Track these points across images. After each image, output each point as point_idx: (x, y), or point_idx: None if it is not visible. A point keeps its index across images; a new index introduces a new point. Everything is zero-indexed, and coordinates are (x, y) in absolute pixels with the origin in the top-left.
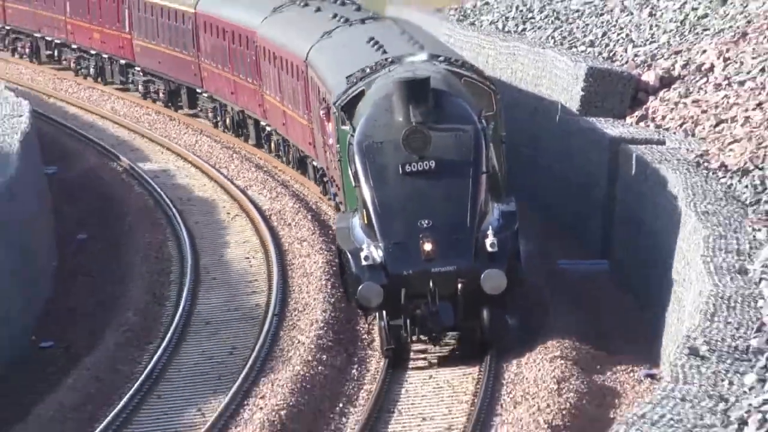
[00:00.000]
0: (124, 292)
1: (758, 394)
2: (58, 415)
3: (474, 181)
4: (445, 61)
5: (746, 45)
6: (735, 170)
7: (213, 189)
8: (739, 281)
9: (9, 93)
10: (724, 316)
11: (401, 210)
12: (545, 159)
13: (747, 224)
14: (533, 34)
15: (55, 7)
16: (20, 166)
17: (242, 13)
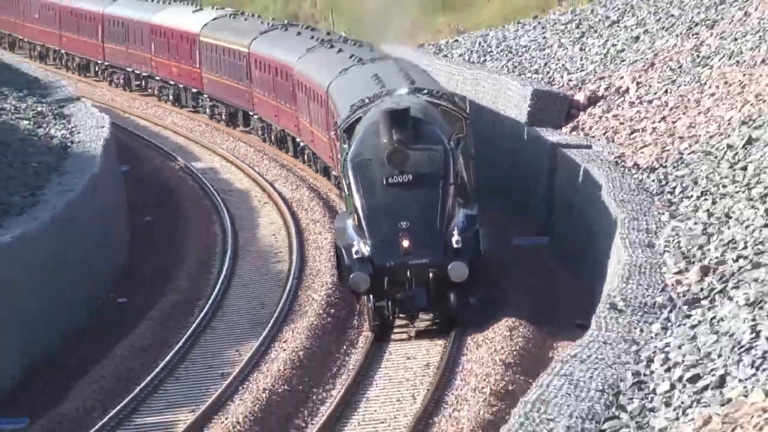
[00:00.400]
0: (180, 261)
1: (662, 338)
2: (130, 354)
3: (443, 190)
4: (426, 93)
5: (653, 72)
6: (644, 168)
7: (248, 182)
8: (648, 253)
9: (94, 110)
10: (636, 279)
11: (385, 214)
12: (501, 158)
13: (653, 209)
14: (491, 64)
15: (143, 47)
16: (102, 165)
17: (283, 53)
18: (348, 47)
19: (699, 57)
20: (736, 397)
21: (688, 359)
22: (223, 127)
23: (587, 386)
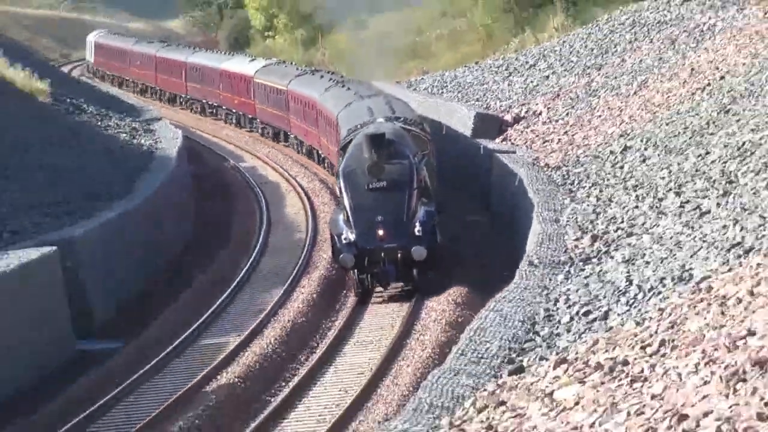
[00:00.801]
0: (229, 233)
1: (564, 285)
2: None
3: (408, 193)
4: (401, 121)
5: (559, 101)
6: (553, 167)
7: (278, 177)
8: (555, 226)
9: (171, 126)
10: (547, 244)
11: (365, 210)
12: (455, 160)
13: (559, 196)
14: (447, 94)
15: (214, 85)
16: (176, 165)
17: (309, 90)
18: (354, 86)
19: (590, 90)
20: (616, 326)
21: (582, 300)
22: (270, 141)
23: (513, 318)
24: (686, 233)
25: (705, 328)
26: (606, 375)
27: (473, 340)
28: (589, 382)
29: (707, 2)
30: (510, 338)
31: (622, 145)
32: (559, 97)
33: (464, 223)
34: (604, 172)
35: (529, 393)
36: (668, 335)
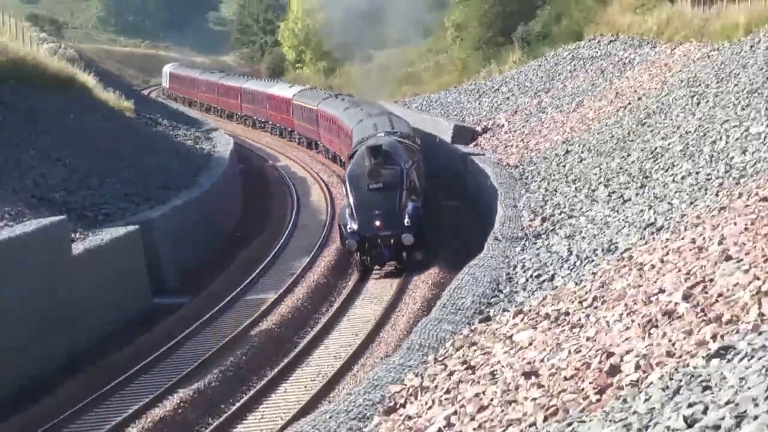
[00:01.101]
0: (268, 215)
1: (521, 255)
2: (245, 261)
3: (400, 192)
4: (397, 135)
5: (516, 116)
6: (512, 166)
7: (306, 174)
8: (513, 210)
9: (226, 135)
10: (508, 224)
11: (366, 206)
12: (439, 161)
13: (517, 188)
14: (433, 111)
15: (262, 105)
16: (228, 164)
17: (333, 110)
18: (365, 106)
19: (540, 107)
20: (560, 286)
21: (534, 266)
22: (303, 148)
23: (482, 280)
24: (612, 216)
25: (627, 287)
26: (552, 322)
27: (452, 296)
28: (539, 328)
29: (628, 42)
30: (480, 295)
31: (564, 149)
32: (516, 113)
33: (445, 208)
34: (550, 169)
35: (494, 336)
36: (599, 293)
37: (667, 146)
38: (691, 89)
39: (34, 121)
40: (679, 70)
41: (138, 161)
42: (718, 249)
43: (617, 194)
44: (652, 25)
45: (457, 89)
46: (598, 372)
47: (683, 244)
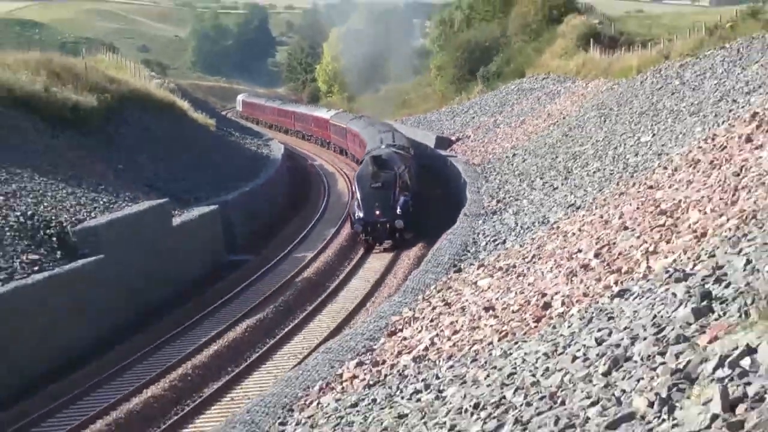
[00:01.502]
0: (306, 202)
1: (482, 226)
2: (292, 228)
3: (394, 190)
4: (395, 147)
5: (479, 130)
6: (477, 164)
7: (334, 169)
8: (477, 195)
9: (279, 143)
10: (473, 205)
11: (369, 199)
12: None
13: (479, 179)
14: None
15: (309, 124)
16: (280, 164)
17: (357, 127)
18: (378, 125)
19: (496, 124)
20: (509, 247)
21: (491, 233)
22: (336, 154)
23: (455, 243)
24: (545, 199)
25: (555, 248)
26: (504, 273)
27: (434, 255)
28: (495, 276)
29: (556, 79)
30: (454, 254)
31: (512, 153)
32: (479, 128)
33: (430, 195)
34: (503, 167)
35: (464, 282)
36: (536, 252)
37: (583, 151)
38: (600, 111)
39: (146, 133)
40: (591, 98)
41: (217, 161)
42: (618, 222)
43: (549, 184)
44: (573, 66)
45: (438, 111)
46: (535, 307)
47: (594, 218)
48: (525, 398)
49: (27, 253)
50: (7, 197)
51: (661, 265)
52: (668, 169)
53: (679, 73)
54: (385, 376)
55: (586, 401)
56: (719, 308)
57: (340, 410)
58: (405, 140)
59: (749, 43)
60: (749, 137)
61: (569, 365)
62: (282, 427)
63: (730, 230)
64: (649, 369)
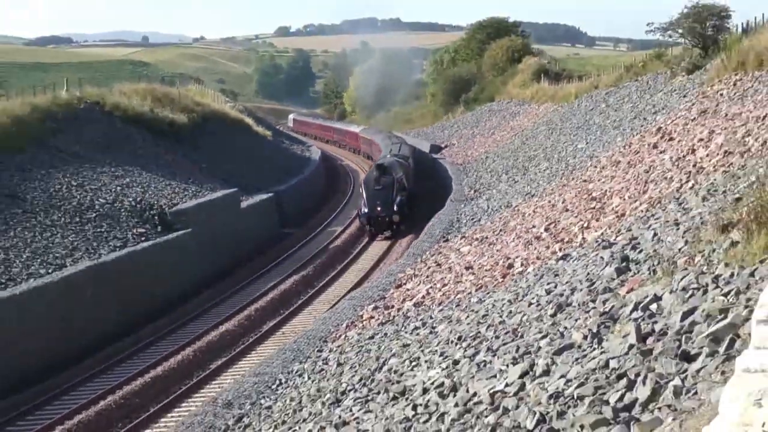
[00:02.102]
0: (338, 187)
1: (463, 209)
2: (327, 209)
3: (392, 191)
4: (398, 156)
5: (461, 139)
6: (459, 164)
7: (357, 168)
8: (459, 186)
9: (317, 148)
10: (457, 193)
11: (372, 198)
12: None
13: (461, 175)
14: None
15: (343, 136)
16: (317, 164)
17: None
18: (392, 137)
19: (473, 135)
20: (482, 223)
21: (470, 214)
22: (365, 158)
23: (444, 221)
24: (509, 189)
25: (516, 224)
26: (479, 242)
27: (429, 230)
28: (473, 244)
29: (517, 102)
30: (443, 229)
31: (485, 155)
32: (461, 138)
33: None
34: (478, 165)
35: (450, 249)
36: (502, 226)
37: (536, 154)
38: (548, 126)
39: (223, 143)
40: (542, 116)
41: (273, 161)
42: (561, 205)
43: (511, 178)
44: (529, 93)
45: (432, 127)
46: (502, 267)
47: (544, 203)
48: (494, 333)
49: (136, 227)
50: (122, 187)
51: (592, 236)
52: (597, 167)
53: (605, 98)
54: (394, 317)
55: (539, 335)
56: (634, 268)
57: (361, 341)
58: (408, 150)
59: (655, 77)
60: (655, 144)
61: (526, 309)
62: (319, 353)
63: (642, 212)
64: (584, 312)
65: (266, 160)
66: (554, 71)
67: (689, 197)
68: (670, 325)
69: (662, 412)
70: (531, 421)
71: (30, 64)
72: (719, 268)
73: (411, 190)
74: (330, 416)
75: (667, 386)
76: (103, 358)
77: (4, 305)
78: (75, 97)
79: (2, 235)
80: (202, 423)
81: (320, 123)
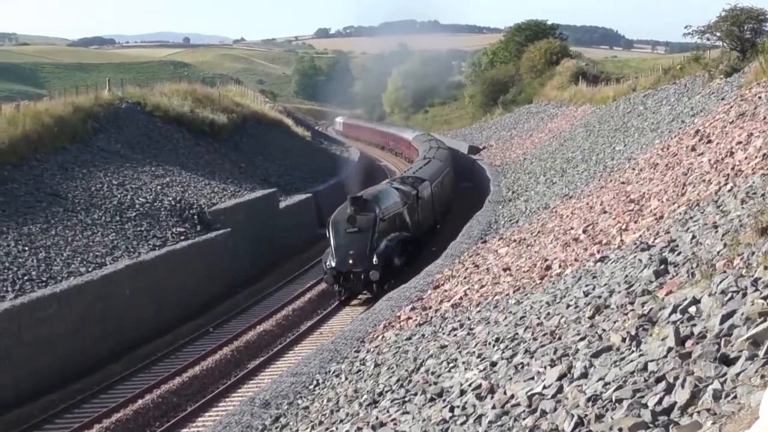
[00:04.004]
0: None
1: (501, 210)
2: None
3: (372, 235)
4: (397, 181)
5: (500, 140)
6: (497, 165)
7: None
8: (498, 187)
9: (356, 149)
10: (495, 195)
11: (342, 247)
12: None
13: (500, 176)
14: (457, 138)
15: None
16: (355, 164)
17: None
18: (432, 140)
19: (511, 137)
20: (521, 225)
21: (508, 215)
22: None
23: (482, 222)
24: (547, 190)
25: (554, 226)
26: (517, 243)
27: (467, 230)
28: (511, 246)
29: (555, 104)
30: (481, 229)
31: (523, 157)
32: (499, 139)
33: (463, 188)
34: (516, 167)
35: (488, 250)
36: (541, 228)
37: (574, 156)
38: (586, 128)
39: (261, 142)
40: (580, 118)
41: (311, 162)
42: (599, 207)
43: (549, 180)
44: (567, 96)
45: (470, 127)
46: (540, 269)
47: (582, 204)
48: (532, 334)
49: (176, 226)
50: (162, 186)
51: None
52: (635, 169)
53: (643, 101)
54: (431, 317)
55: (577, 337)
56: (673, 270)
57: (398, 342)
58: (443, 154)
59: (693, 79)
60: (693, 147)
61: (564, 311)
62: (356, 353)
63: (680, 214)
64: (622, 314)
65: (305, 161)
66: (592, 73)
67: (727, 200)
68: (709, 328)
69: (701, 416)
70: (569, 423)
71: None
72: (758, 271)
73: (419, 228)
74: (367, 417)
75: (706, 390)
76: (140, 356)
77: (44, 303)
78: (116, 97)
79: (44, 233)
80: (239, 423)
81: (375, 128)
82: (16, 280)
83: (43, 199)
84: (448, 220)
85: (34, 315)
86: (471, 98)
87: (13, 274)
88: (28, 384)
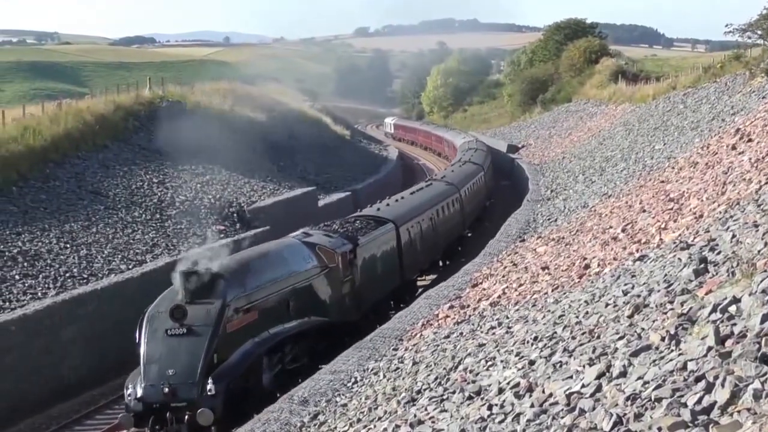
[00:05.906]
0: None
1: (540, 209)
2: None
3: (212, 339)
4: (320, 230)
5: (539, 140)
6: (536, 164)
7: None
8: (536, 186)
9: (394, 148)
10: (534, 193)
11: (154, 362)
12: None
13: (538, 175)
14: (496, 136)
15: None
16: (394, 164)
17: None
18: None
19: (550, 136)
20: (559, 224)
21: (546, 214)
22: (438, 157)
23: (520, 220)
24: (586, 189)
25: (593, 225)
26: (556, 242)
27: (505, 229)
28: (549, 245)
29: (594, 103)
30: (520, 228)
31: (562, 156)
32: (538, 138)
33: (501, 186)
34: (555, 166)
35: (526, 249)
36: (579, 227)
37: (613, 155)
38: (625, 127)
39: (300, 141)
40: (619, 117)
41: (351, 160)
42: (638, 206)
43: (588, 179)
44: (606, 94)
45: (509, 126)
46: (578, 267)
47: (621, 203)
48: (571, 333)
49: (216, 224)
50: (203, 185)
51: (670, 237)
52: (675, 168)
53: (683, 100)
54: (469, 316)
55: (616, 336)
56: (713, 269)
57: (436, 340)
58: (480, 155)
59: (734, 78)
60: (734, 146)
61: (603, 310)
62: (395, 351)
63: (721, 213)
64: (661, 313)
65: (343, 159)
66: (632, 72)
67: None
68: (749, 327)
69: (741, 416)
70: (608, 422)
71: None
72: None
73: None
74: (405, 415)
75: (746, 389)
76: None
77: (86, 300)
78: (157, 96)
79: (85, 230)
80: (278, 420)
81: (431, 131)
82: (57, 277)
83: (85, 196)
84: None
85: (75, 311)
86: (510, 97)
87: (54, 271)
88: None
